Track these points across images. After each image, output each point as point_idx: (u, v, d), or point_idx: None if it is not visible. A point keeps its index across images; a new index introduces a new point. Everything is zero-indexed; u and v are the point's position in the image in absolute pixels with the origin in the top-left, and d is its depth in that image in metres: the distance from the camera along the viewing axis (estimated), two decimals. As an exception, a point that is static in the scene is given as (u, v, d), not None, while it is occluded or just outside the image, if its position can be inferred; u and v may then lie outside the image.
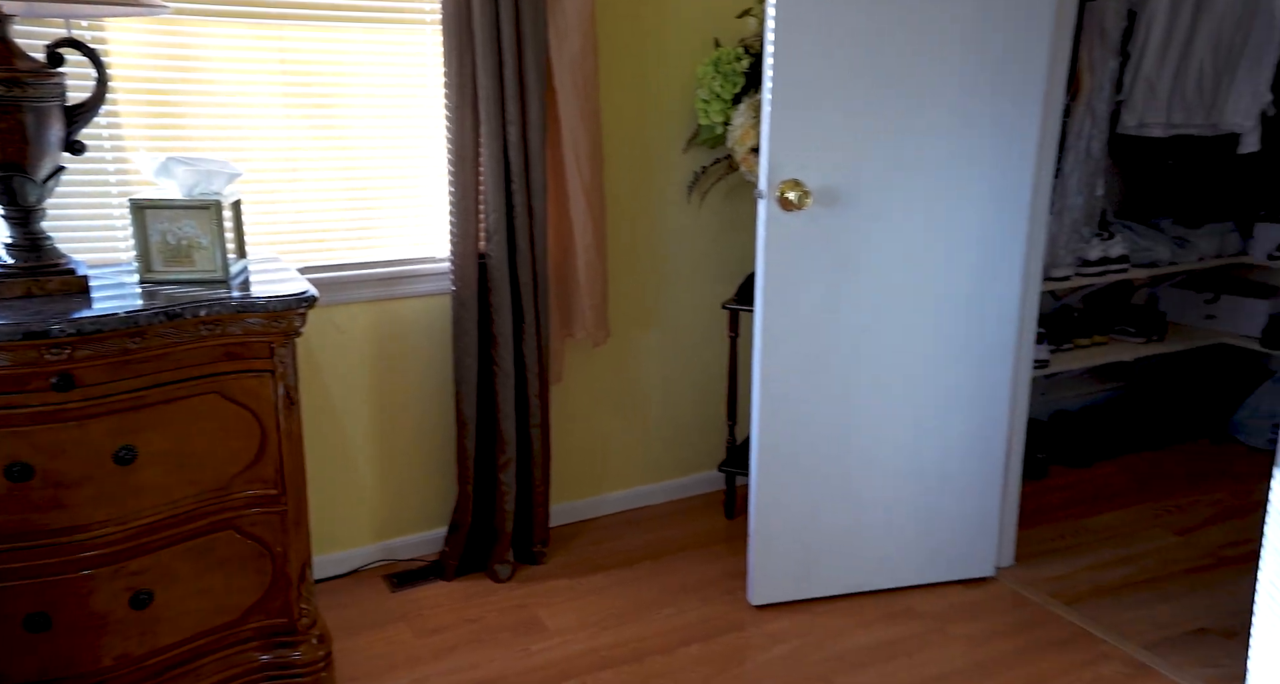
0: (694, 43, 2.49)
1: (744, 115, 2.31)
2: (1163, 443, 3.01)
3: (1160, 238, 2.88)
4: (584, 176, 2.27)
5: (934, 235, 2.07)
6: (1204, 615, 2.11)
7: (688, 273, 2.67)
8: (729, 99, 2.35)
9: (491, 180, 2.16)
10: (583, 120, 2.23)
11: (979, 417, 2.20)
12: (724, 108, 2.36)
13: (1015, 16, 1.97)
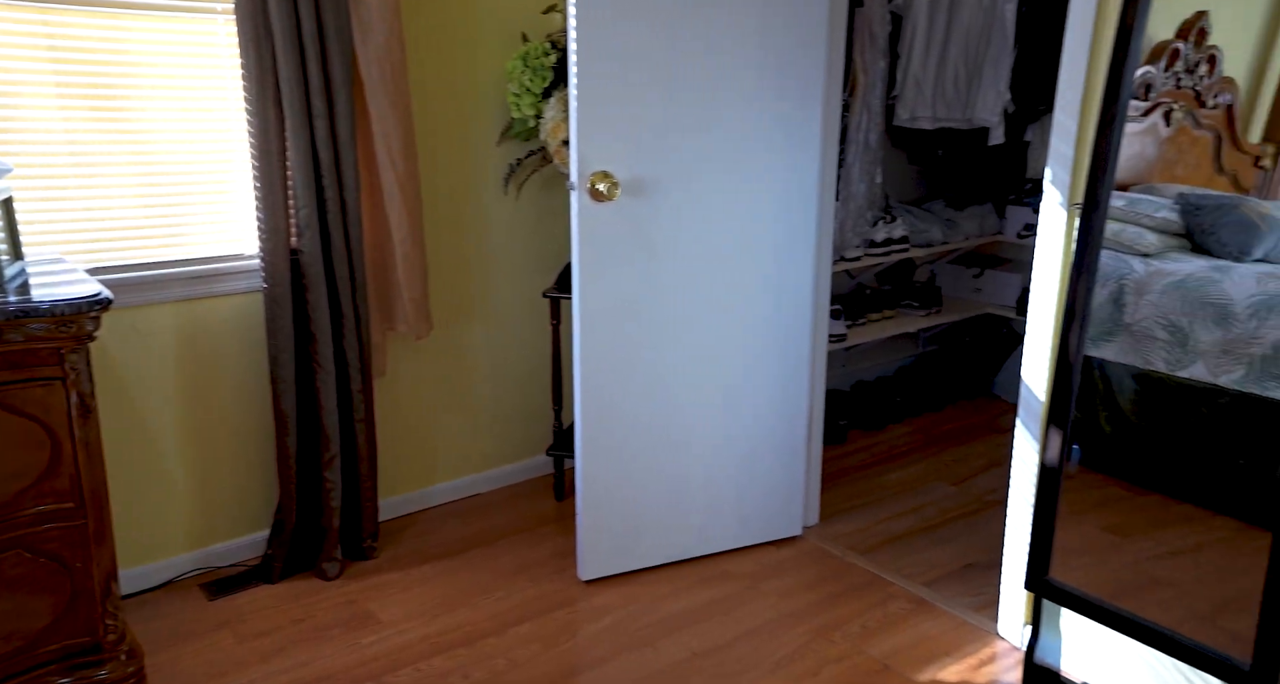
0: (503, 37, 2.54)
1: (554, 109, 2.39)
2: (943, 404, 3.37)
3: (934, 220, 3.21)
4: (398, 170, 2.27)
5: (734, 223, 2.23)
6: (971, 553, 2.41)
7: (508, 263, 2.73)
8: (539, 93, 2.42)
9: (301, 175, 2.13)
10: (394, 113, 2.24)
11: (783, 389, 2.40)
12: (535, 101, 2.43)
13: (794, 22, 2.16)
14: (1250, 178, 1.72)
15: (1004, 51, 2.78)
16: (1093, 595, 1.65)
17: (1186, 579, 1.72)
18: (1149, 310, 1.82)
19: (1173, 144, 1.80)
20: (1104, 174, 1.60)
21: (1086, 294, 1.65)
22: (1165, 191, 1.85)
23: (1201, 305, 1.74)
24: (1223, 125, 1.73)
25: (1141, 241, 1.85)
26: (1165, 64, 1.73)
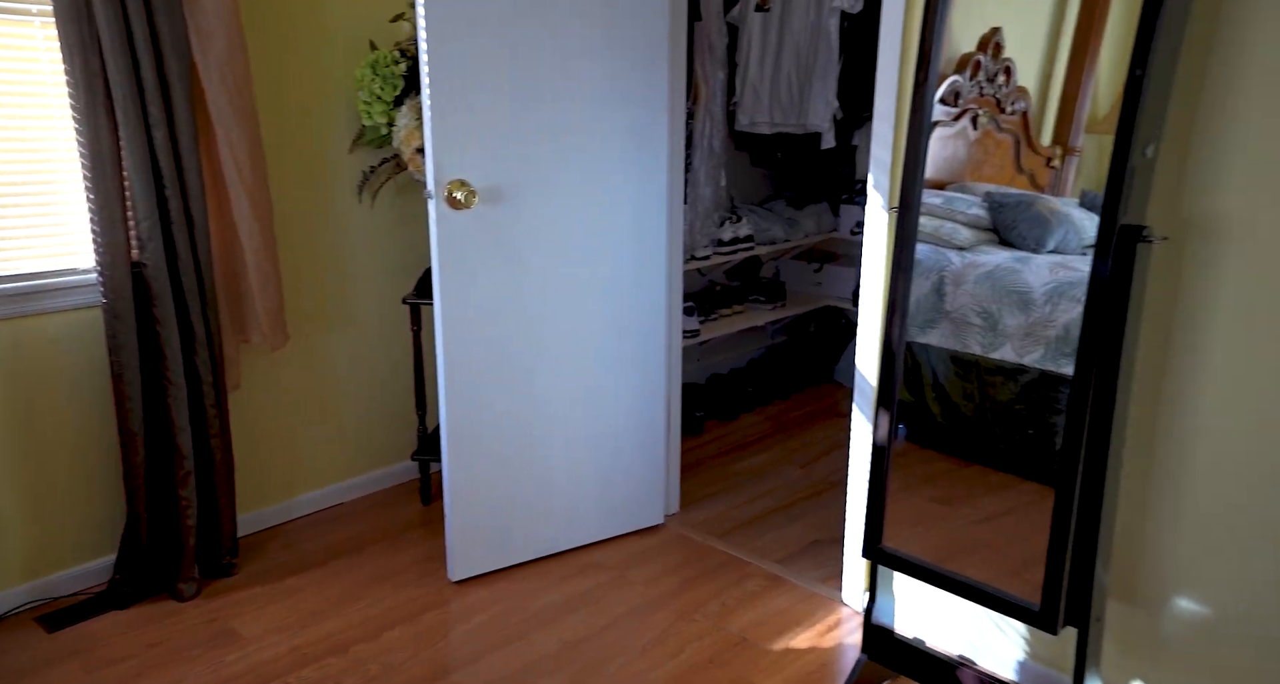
0: (350, 44, 2.52)
1: (407, 117, 2.40)
2: (790, 392, 3.58)
3: (776, 219, 3.40)
4: (245, 178, 2.23)
5: (591, 227, 2.32)
6: (818, 529, 2.60)
7: (366, 270, 2.71)
8: (390, 101, 2.42)
9: (140, 185, 2.06)
10: (238, 121, 2.19)
11: (642, 385, 2.51)
12: (386, 109, 2.43)
13: (638, 37, 2.26)
14: (1045, 176, 1.89)
15: (830, 63, 3.00)
16: (919, 558, 1.83)
17: (1001, 539, 1.93)
18: (965, 299, 2.00)
19: (980, 146, 1.95)
20: (914, 180, 1.78)
21: (905, 289, 1.83)
22: (976, 190, 2.02)
23: (1007, 293, 1.92)
24: (1020, 129, 1.90)
25: (957, 236, 2.02)
26: (970, 74, 1.88)
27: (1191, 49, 1.54)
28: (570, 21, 2.17)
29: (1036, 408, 1.84)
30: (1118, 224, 1.49)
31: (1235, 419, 1.59)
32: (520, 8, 2.10)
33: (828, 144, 3.07)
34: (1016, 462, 1.90)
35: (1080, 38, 1.70)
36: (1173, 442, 1.68)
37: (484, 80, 2.09)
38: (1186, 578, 1.69)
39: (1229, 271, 1.57)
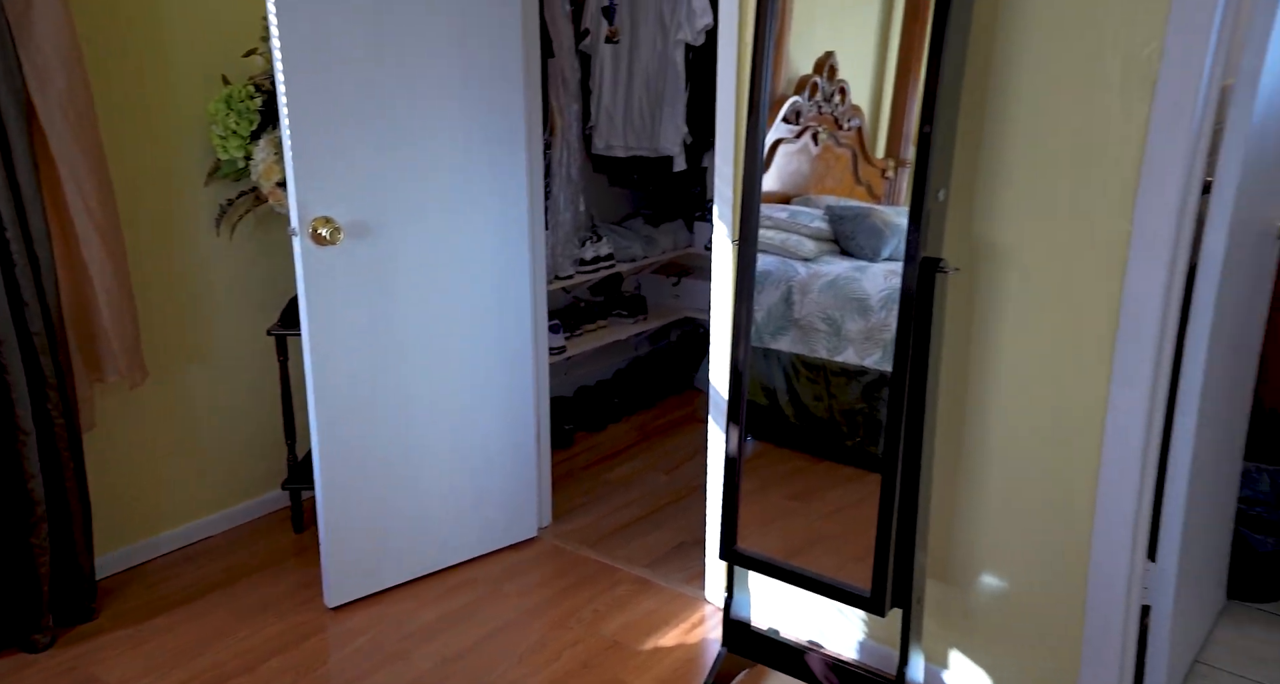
0: (202, 78, 2.51)
1: (265, 151, 2.41)
2: (655, 401, 3.76)
3: (634, 237, 3.57)
4: (95, 216, 2.20)
5: (456, 257, 2.40)
6: (683, 533, 2.78)
7: (227, 303, 2.69)
8: (246, 135, 2.43)
9: (-21, 229, 2.01)
10: (85, 159, 2.16)
11: (512, 404, 2.61)
12: (243, 143, 2.44)
13: (494, 74, 2.37)
14: (881, 186, 2.07)
15: (678, 91, 3.18)
16: (767, 557, 2.01)
17: (846, 531, 2.12)
18: (812, 307, 2.16)
19: (822, 160, 2.11)
20: (751, 212, 1.95)
21: (748, 315, 2.00)
22: (819, 203, 2.19)
23: (849, 300, 2.09)
24: (856, 144, 2.06)
25: (802, 248, 2.18)
26: (809, 94, 2.03)
27: (970, 109, 1.78)
28: (428, 61, 2.25)
29: (876, 405, 2.05)
30: (919, 257, 1.71)
31: (1019, 407, 1.85)
32: (378, 48, 2.17)
33: (679, 167, 3.25)
34: (862, 456, 2.06)
35: (904, 60, 1.88)
36: (973, 431, 1.93)
37: (345, 118, 2.14)
38: (990, 555, 1.95)
39: (1009, 289, 1.82)
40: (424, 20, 2.22)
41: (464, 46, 2.30)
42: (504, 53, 2.37)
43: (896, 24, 1.87)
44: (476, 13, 2.30)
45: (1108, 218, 1.69)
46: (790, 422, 2.16)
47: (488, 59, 2.34)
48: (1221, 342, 1.86)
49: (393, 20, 2.18)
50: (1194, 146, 1.60)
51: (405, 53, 2.21)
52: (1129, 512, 1.76)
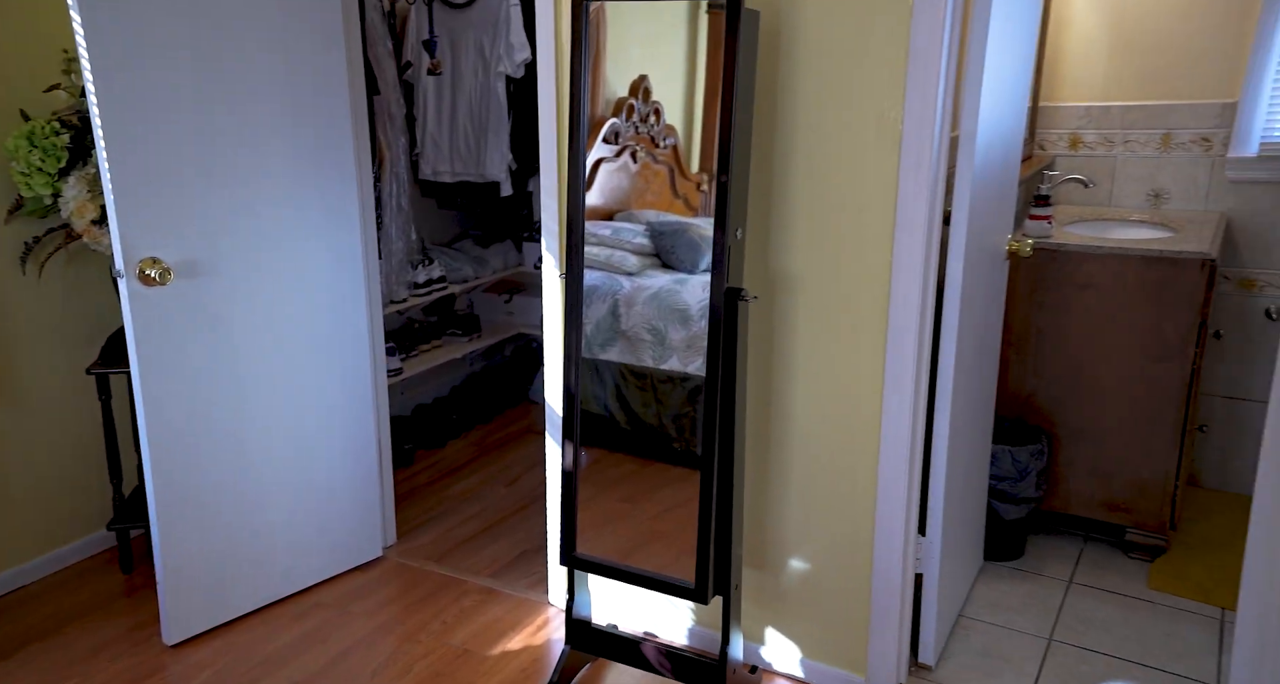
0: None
1: (76, 188, 2.37)
2: (492, 415, 3.89)
3: (465, 258, 3.69)
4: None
5: (291, 291, 2.45)
6: (526, 541, 2.94)
7: (37, 342, 2.61)
8: (53, 173, 2.37)
9: None
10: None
11: (352, 427, 2.68)
12: (49, 181, 2.38)
13: (322, 113, 2.44)
14: (697, 199, 2.19)
15: (502, 120, 3.33)
16: (603, 560, 2.21)
17: (675, 528, 2.31)
18: (637, 319, 2.30)
19: (641, 177, 2.23)
20: (576, 252, 2.14)
21: (578, 342, 2.19)
22: (640, 218, 2.30)
23: (671, 311, 2.23)
24: (673, 161, 2.20)
25: (626, 263, 2.30)
26: (626, 115, 2.16)
27: (759, 163, 2.06)
28: (256, 101, 2.29)
29: (701, 409, 2.22)
30: (724, 287, 1.96)
31: (813, 411, 2.15)
32: (204, 88, 2.20)
33: (506, 192, 3.41)
34: (689, 458, 2.20)
35: (711, 82, 2.02)
36: (777, 436, 2.21)
37: (171, 159, 2.16)
38: (794, 543, 2.24)
39: (800, 310, 2.11)
40: (251, 62, 2.27)
41: (292, 87, 2.36)
42: (331, 92, 2.45)
43: (702, 48, 2.05)
44: (303, 55, 2.37)
45: (874, 249, 2.00)
46: (622, 427, 2.29)
47: (316, 99, 2.42)
48: (967, 347, 2.23)
49: (219, 62, 2.21)
50: (934, 188, 1.93)
51: (233, 94, 2.25)
52: (903, 496, 2.09)
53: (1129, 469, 2.73)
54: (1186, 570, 2.70)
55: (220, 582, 2.46)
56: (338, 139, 2.49)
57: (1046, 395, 2.81)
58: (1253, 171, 2.95)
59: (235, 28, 2.23)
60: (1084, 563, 2.77)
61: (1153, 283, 2.61)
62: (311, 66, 2.39)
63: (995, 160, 2.24)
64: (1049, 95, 3.24)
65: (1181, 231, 2.84)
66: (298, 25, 2.35)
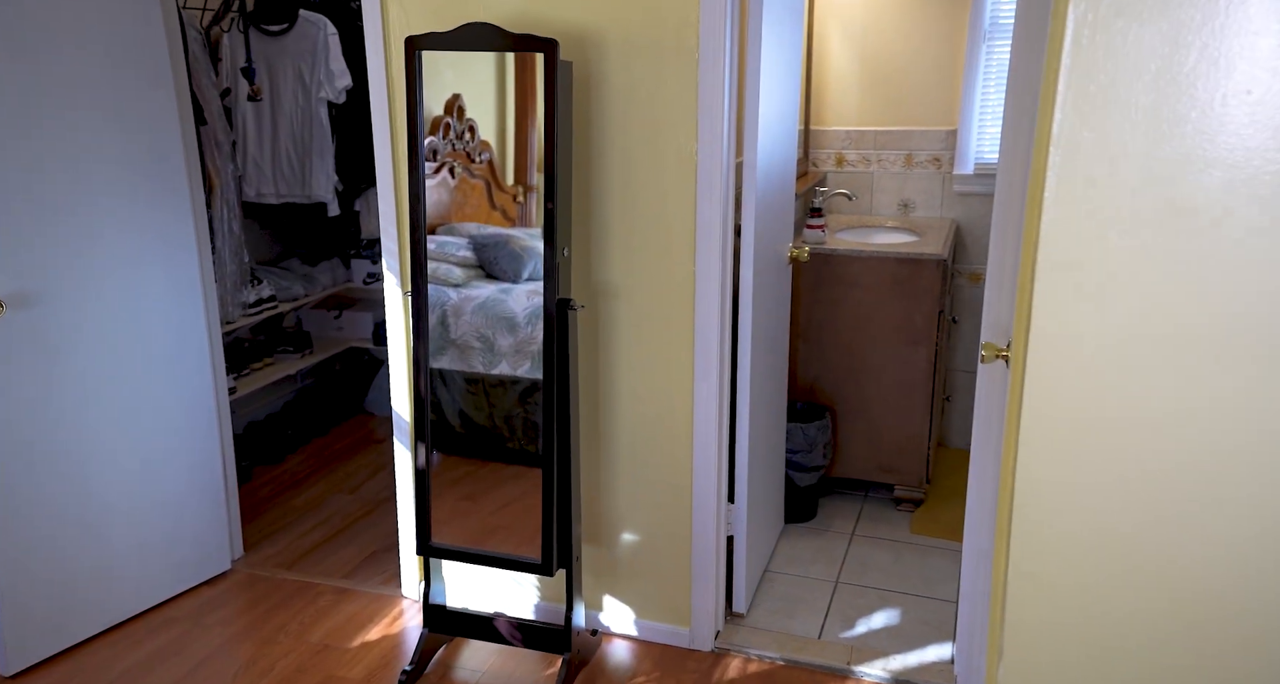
0: None
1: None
2: (328, 428, 3.99)
3: (294, 277, 3.77)
4: None
5: (133, 316, 2.52)
6: (374, 543, 3.10)
7: None
8: None
9: None
10: None
11: (195, 445, 2.75)
12: None
13: (154, 148, 2.53)
14: (514, 210, 2.36)
15: (326, 143, 3.47)
16: (459, 546, 2.46)
17: (515, 521, 2.47)
18: (466, 328, 2.43)
19: (460, 191, 2.38)
20: (421, 274, 2.37)
21: (425, 351, 2.41)
22: (462, 231, 2.41)
23: (498, 319, 2.40)
24: (489, 175, 2.36)
25: (452, 276, 2.43)
26: (443, 133, 2.30)
27: (580, 189, 2.38)
28: (87, 138, 2.36)
29: (530, 409, 2.39)
30: (555, 298, 2.26)
31: (636, 401, 2.49)
32: (31, 128, 2.24)
33: (334, 212, 3.54)
34: (522, 455, 2.43)
35: (520, 99, 2.25)
36: (606, 423, 2.54)
37: (0, 193, 2.19)
38: (625, 518, 2.58)
39: (621, 316, 2.45)
40: (80, 100, 2.33)
41: (123, 123, 2.44)
42: (162, 127, 2.54)
43: (511, 68, 2.24)
44: (131, 91, 2.45)
45: (680, 261, 2.37)
46: (457, 431, 2.47)
47: (147, 134, 2.50)
48: (761, 340, 2.66)
49: (47, 99, 2.27)
50: (725, 206, 2.32)
51: (61, 129, 2.30)
52: (713, 470, 2.47)
53: (894, 436, 3.28)
54: (940, 516, 3.29)
55: (65, 606, 2.48)
56: (171, 170, 2.57)
57: (828, 379, 3.31)
58: (971, 186, 3.61)
59: (62, 69, 2.29)
60: (863, 518, 3.30)
61: (903, 279, 3.16)
62: (141, 104, 2.48)
63: (774, 180, 2.68)
64: (817, 120, 3.77)
65: (924, 236, 3.43)
66: (126, 66, 2.43)
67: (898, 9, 3.55)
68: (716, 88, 2.22)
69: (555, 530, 2.36)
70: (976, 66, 3.51)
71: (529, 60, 2.19)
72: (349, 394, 4.16)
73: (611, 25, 2.24)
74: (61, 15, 2.28)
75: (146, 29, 2.47)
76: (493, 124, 2.32)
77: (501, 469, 2.52)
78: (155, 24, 2.50)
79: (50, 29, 2.26)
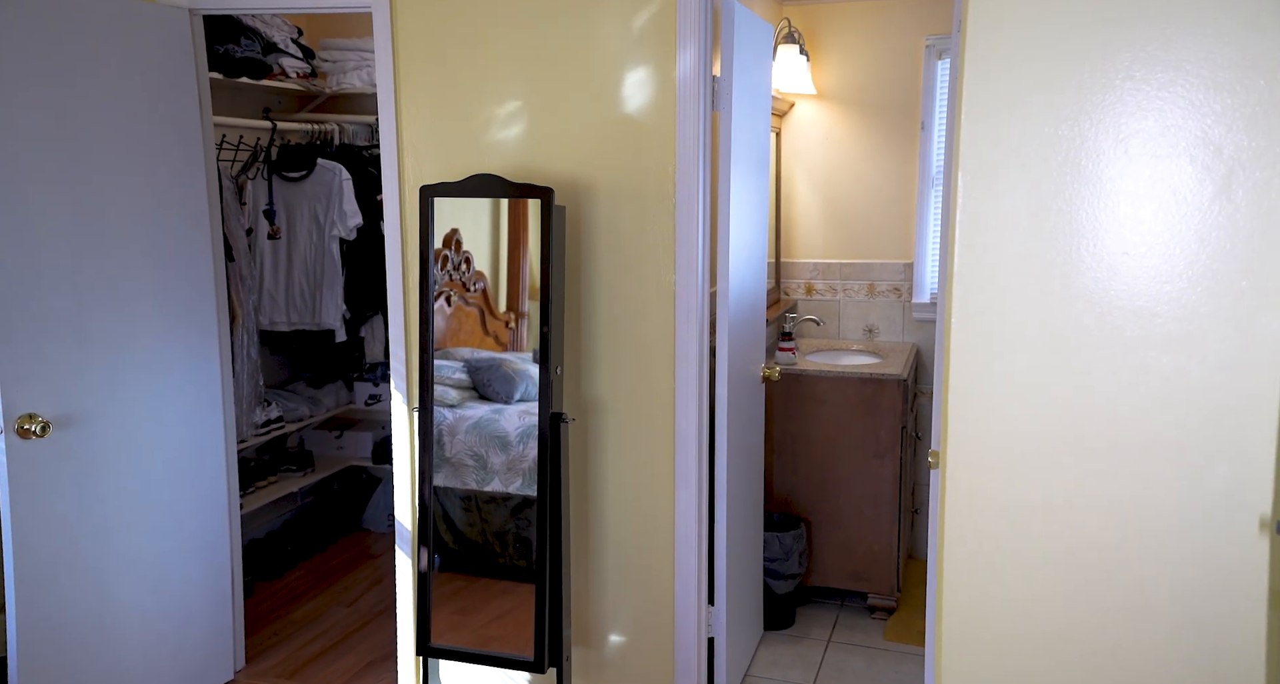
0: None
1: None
2: (326, 544, 4.13)
3: (300, 399, 4.02)
4: None
5: (159, 435, 2.72)
6: (371, 652, 3.21)
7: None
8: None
9: None
10: None
11: (207, 558, 2.89)
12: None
13: (188, 283, 2.81)
14: (506, 336, 2.55)
15: (336, 275, 3.80)
16: (459, 646, 2.59)
17: (508, 633, 2.53)
18: (460, 446, 2.57)
19: (456, 318, 2.56)
20: (428, 389, 2.62)
21: (429, 462, 2.62)
22: (458, 355, 2.59)
23: (491, 438, 2.55)
24: (483, 303, 2.54)
25: (448, 397, 2.59)
26: (441, 265, 2.50)
27: (571, 316, 2.68)
28: (130, 273, 2.64)
29: (522, 525, 2.52)
30: (549, 413, 2.51)
31: (621, 510, 2.69)
32: (81, 264, 2.51)
33: (340, 338, 3.83)
34: (513, 570, 2.55)
35: (513, 235, 2.48)
36: (594, 531, 2.73)
37: (46, 324, 2.43)
38: (612, 620, 2.73)
39: (608, 429, 2.69)
40: (127, 238, 2.63)
41: (163, 261, 2.73)
42: (196, 263, 2.84)
43: (505, 205, 2.47)
44: (172, 232, 2.76)
45: (660, 379, 2.64)
46: (450, 547, 2.60)
47: (182, 268, 2.80)
48: (737, 451, 2.90)
49: (96, 239, 2.55)
50: (701, 330, 2.61)
51: (108, 266, 2.59)
52: (693, 574, 2.66)
53: (865, 546, 3.47)
54: (912, 624, 3.43)
55: (76, 715, 2.57)
56: (202, 303, 2.86)
57: (802, 491, 3.53)
58: (928, 314, 3.96)
59: (112, 210, 2.59)
60: (839, 625, 3.44)
61: (867, 397, 3.44)
62: (180, 242, 2.79)
63: (745, 307, 2.99)
64: (788, 252, 4.15)
65: (887, 358, 3.73)
66: (170, 208, 2.76)
67: (855, 156, 3.99)
68: (692, 227, 2.56)
69: (547, 628, 2.51)
70: (927, 207, 3.92)
71: (523, 201, 2.51)
72: (347, 511, 4.32)
73: (599, 175, 2.60)
74: (117, 161, 2.60)
75: (189, 177, 2.82)
76: (487, 256, 2.54)
77: (492, 584, 2.63)
78: (197, 172, 2.84)
79: (105, 172, 2.57)
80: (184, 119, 2.80)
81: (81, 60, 2.50)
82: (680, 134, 2.51)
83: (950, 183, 1.79)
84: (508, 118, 2.64)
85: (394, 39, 2.65)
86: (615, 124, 2.56)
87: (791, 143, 4.06)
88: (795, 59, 3.73)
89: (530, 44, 2.58)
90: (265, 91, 3.87)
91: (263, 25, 3.65)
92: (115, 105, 2.59)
